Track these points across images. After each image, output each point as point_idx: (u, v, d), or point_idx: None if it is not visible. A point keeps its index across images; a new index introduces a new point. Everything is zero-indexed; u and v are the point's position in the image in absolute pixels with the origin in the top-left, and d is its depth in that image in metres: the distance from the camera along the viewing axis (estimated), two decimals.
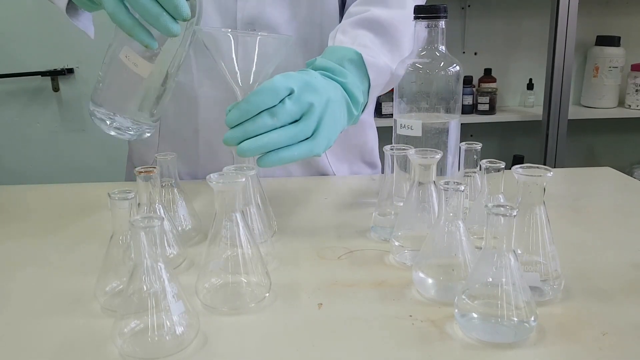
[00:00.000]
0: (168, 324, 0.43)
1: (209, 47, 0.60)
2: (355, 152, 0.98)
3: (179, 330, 0.43)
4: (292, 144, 0.57)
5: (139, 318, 0.43)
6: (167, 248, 0.58)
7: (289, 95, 0.57)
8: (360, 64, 0.71)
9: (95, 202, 0.81)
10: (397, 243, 0.58)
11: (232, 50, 0.59)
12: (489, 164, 0.59)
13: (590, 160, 2.51)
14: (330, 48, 0.73)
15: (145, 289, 0.43)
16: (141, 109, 0.64)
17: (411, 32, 0.70)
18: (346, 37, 0.74)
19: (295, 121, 0.58)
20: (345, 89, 0.66)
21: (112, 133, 0.63)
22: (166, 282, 0.43)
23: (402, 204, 0.60)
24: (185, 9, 0.55)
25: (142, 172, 0.56)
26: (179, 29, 0.56)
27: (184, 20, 0.56)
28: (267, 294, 0.51)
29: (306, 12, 0.85)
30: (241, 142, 0.56)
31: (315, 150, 0.59)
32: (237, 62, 0.60)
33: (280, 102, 0.56)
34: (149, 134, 0.66)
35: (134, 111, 0.63)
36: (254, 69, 0.60)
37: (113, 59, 0.61)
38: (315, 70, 0.67)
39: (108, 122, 0.63)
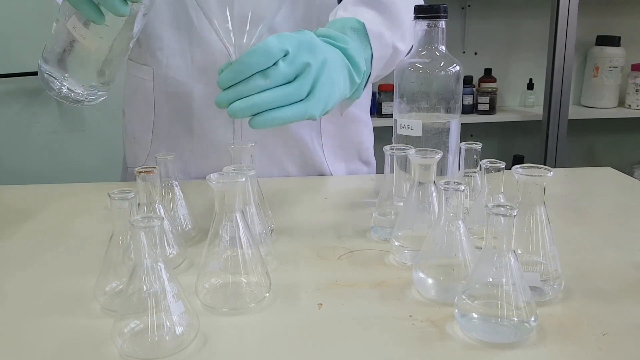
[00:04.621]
0: (168, 324, 0.43)
1: (200, 5, 0.59)
2: (352, 150, 0.97)
3: (179, 330, 0.43)
4: (286, 105, 0.56)
5: (138, 318, 0.43)
6: (167, 248, 0.58)
7: (283, 56, 0.55)
8: (362, 32, 0.69)
9: (95, 202, 0.81)
10: (397, 243, 0.58)
11: (226, 8, 0.57)
12: (489, 164, 0.59)
13: (590, 160, 2.51)
14: (331, 20, 0.71)
15: (145, 289, 0.43)
16: (92, 75, 0.63)
17: (412, 12, 0.69)
18: (347, 13, 0.72)
19: (290, 82, 0.57)
20: (346, 55, 0.64)
21: (58, 97, 0.62)
22: (166, 282, 0.43)
23: (402, 204, 0.60)
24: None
25: (142, 172, 0.56)
26: (127, 10, 0.55)
27: (134, 2, 0.55)
28: (267, 294, 0.51)
29: (304, 8, 0.84)
30: (233, 102, 0.55)
31: (309, 112, 0.58)
32: (231, 20, 0.58)
33: (274, 64, 0.55)
34: (102, 99, 0.65)
35: (84, 77, 0.62)
36: (247, 27, 0.58)
37: (62, 25, 0.60)
38: None
39: (58, 84, 0.62)
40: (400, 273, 0.56)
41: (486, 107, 2.25)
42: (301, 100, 0.57)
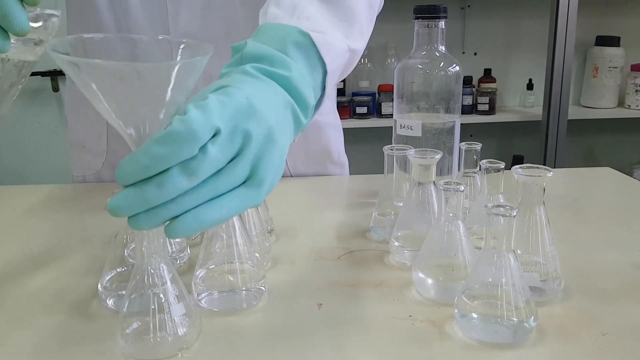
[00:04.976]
0: (170, 324, 0.43)
1: (71, 77, 0.38)
2: (319, 156, 0.93)
3: (181, 331, 0.43)
4: (216, 197, 0.38)
5: (141, 319, 0.43)
6: (168, 248, 0.58)
7: (212, 136, 0.37)
8: (308, 47, 0.51)
9: (95, 202, 0.81)
10: (396, 243, 0.58)
11: (112, 82, 0.36)
12: (489, 164, 0.59)
13: (590, 160, 2.51)
14: (264, 27, 0.52)
15: (147, 289, 0.43)
16: None
17: None
18: (281, 9, 0.54)
19: (221, 168, 0.39)
20: (289, 88, 0.46)
21: None
22: (168, 282, 0.43)
23: (401, 204, 0.61)
24: (20, 22, 0.41)
25: None
26: (7, 45, 0.42)
27: (19, 35, 0.42)
28: (266, 295, 0.51)
29: (243, 25, 0.78)
30: (138, 213, 0.37)
31: (252, 201, 0.40)
32: (123, 101, 0.38)
33: (199, 149, 0.36)
34: None
35: None
36: (158, 103, 0.38)
37: None
38: (244, 61, 0.47)
39: None
40: (400, 273, 0.56)
41: (486, 107, 2.24)
42: (238, 186, 0.39)
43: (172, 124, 0.36)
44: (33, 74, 2.34)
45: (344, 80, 2.28)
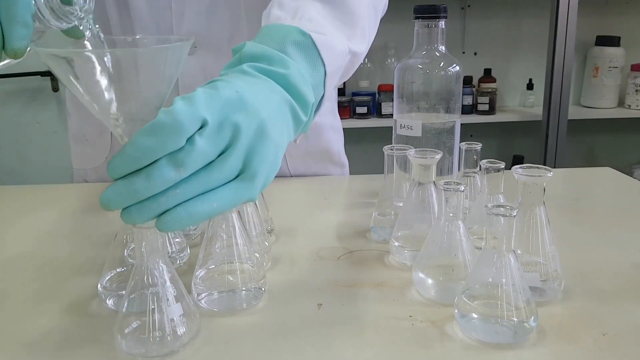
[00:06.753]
0: (169, 324, 0.43)
1: (56, 73, 0.39)
2: (319, 156, 0.93)
3: (180, 330, 0.43)
4: (209, 191, 0.38)
5: (140, 318, 0.43)
6: (168, 248, 0.58)
7: (200, 128, 0.37)
8: (308, 47, 0.51)
9: (95, 202, 0.81)
10: (397, 243, 0.58)
11: (97, 73, 0.38)
12: (489, 164, 0.59)
13: (590, 160, 2.51)
14: (265, 28, 0.53)
15: (146, 289, 0.43)
16: None
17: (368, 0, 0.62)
18: (284, 11, 0.55)
19: (212, 161, 0.39)
20: (287, 85, 0.46)
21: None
22: (167, 282, 0.43)
23: (402, 204, 0.60)
24: (14, 42, 0.37)
25: None
26: None
27: (14, 57, 0.38)
28: (266, 295, 0.51)
29: (247, 29, 0.78)
30: (128, 206, 0.37)
31: (246, 195, 0.40)
32: (106, 89, 0.39)
33: (187, 141, 0.37)
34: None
35: None
36: (140, 93, 0.40)
37: None
38: (243, 61, 0.47)
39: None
40: (400, 273, 0.56)
41: (486, 107, 2.24)
42: (231, 180, 0.39)
43: (158, 116, 0.36)
44: (32, 74, 2.33)
45: None
